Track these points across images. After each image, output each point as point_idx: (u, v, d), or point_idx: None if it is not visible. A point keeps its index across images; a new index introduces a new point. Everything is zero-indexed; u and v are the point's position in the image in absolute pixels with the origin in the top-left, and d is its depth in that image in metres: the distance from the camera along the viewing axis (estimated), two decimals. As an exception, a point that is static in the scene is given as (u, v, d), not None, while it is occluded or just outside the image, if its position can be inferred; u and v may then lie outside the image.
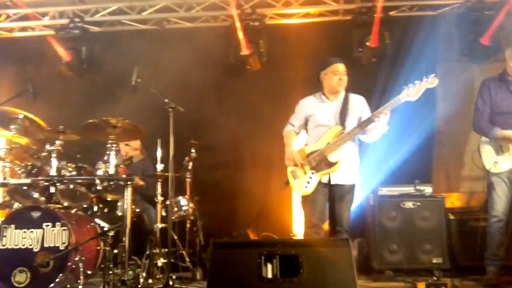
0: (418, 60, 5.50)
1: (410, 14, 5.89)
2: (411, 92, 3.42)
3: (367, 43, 5.49)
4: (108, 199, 4.43)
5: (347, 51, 5.66)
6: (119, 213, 4.46)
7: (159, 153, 4.31)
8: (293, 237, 5.55)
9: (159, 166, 4.30)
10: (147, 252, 4.23)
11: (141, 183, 4.85)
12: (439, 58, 5.79)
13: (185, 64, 5.51)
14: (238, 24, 5.60)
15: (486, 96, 4.08)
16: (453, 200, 5.24)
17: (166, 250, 4.10)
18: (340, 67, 3.76)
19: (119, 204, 4.51)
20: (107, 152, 3.90)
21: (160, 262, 4.17)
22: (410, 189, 4.73)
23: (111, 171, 3.89)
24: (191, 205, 4.81)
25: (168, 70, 5.48)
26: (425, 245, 4.50)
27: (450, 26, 5.72)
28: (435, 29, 5.80)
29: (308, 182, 3.66)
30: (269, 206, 5.69)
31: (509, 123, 3.95)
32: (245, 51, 5.61)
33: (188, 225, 4.91)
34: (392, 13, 5.77)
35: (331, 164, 3.62)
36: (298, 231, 5.55)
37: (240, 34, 5.60)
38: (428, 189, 4.73)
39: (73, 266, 3.55)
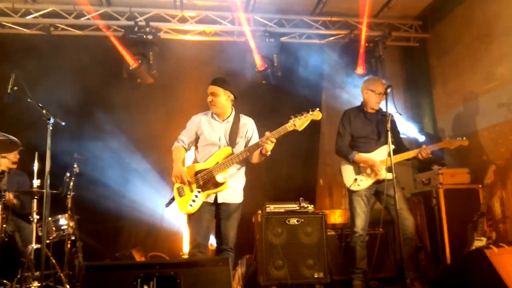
0: (306, 84, 5.84)
1: (300, 41, 6.23)
2: (297, 123, 3.55)
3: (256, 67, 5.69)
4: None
5: (243, 72, 5.81)
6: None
7: (35, 167, 4.00)
8: (182, 256, 5.47)
9: (35, 182, 3.99)
10: (19, 276, 3.88)
11: (14, 201, 4.46)
12: (324, 84, 6.21)
13: (71, 74, 5.22)
14: (112, 38, 5.48)
15: (347, 123, 4.54)
16: (336, 217, 5.56)
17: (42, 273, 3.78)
18: (209, 88, 3.78)
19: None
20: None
21: (34, 286, 3.85)
22: (295, 206, 4.94)
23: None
24: (71, 224, 4.53)
25: (52, 79, 5.14)
26: (308, 260, 4.71)
27: (334, 55, 6.18)
28: (322, 56, 6.22)
29: (194, 201, 3.64)
30: (158, 225, 5.55)
31: (366, 146, 4.43)
32: (132, 64, 5.49)
33: (68, 246, 4.60)
34: (283, 38, 6.06)
35: (217, 184, 3.64)
36: (187, 249, 5.48)
37: (121, 48, 5.48)
38: (311, 206, 4.96)
39: None
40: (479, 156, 5.24)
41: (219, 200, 3.69)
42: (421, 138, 5.82)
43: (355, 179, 4.38)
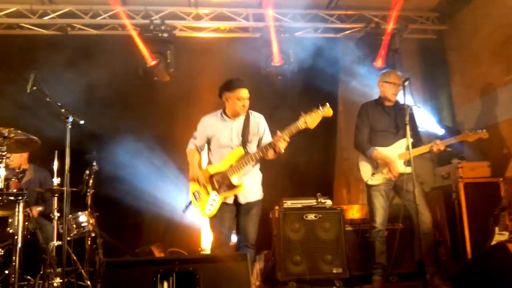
0: (323, 79, 5.80)
1: (315, 35, 6.19)
2: (308, 121, 3.51)
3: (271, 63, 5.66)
4: (-2, 215, 4.08)
5: (256, 67, 5.80)
6: (11, 230, 4.12)
7: (55, 165, 4.06)
8: (201, 252, 5.51)
9: (56, 180, 4.06)
10: (42, 272, 3.95)
11: (38, 208, 4.58)
12: (341, 78, 6.16)
13: (89, 73, 5.29)
14: (134, 35, 5.51)
15: (365, 117, 4.51)
16: (354, 212, 5.52)
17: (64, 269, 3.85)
18: (244, 93, 3.71)
19: (10, 220, 4.17)
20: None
21: (56, 282, 3.91)
22: (312, 202, 4.91)
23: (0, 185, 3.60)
24: (91, 221, 4.59)
25: (70, 78, 5.22)
26: (326, 255, 4.68)
27: (351, 48, 6.12)
28: (338, 50, 6.17)
29: (212, 204, 3.65)
30: (177, 221, 5.58)
31: (384, 139, 4.39)
32: (151, 62, 5.52)
33: (88, 242, 4.67)
34: (298, 33, 6.02)
35: (233, 187, 3.64)
36: (206, 245, 5.52)
37: (142, 46, 5.50)
38: (329, 202, 4.93)
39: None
40: (499, 148, 5.15)
41: (242, 201, 3.68)
42: (441, 132, 5.73)
43: (373, 174, 4.35)
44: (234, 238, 3.91)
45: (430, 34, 6.47)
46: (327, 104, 3.54)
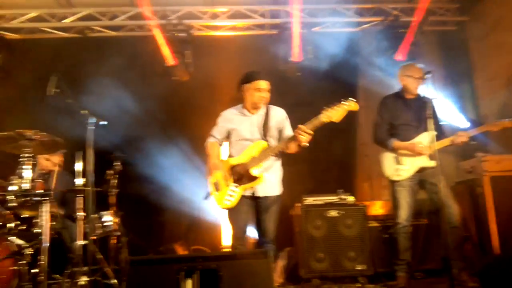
0: (342, 74, 5.76)
1: (333, 30, 6.14)
2: (333, 115, 3.47)
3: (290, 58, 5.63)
4: (26, 215, 4.15)
5: (273, 64, 5.78)
6: (39, 230, 4.20)
7: (79, 166, 4.12)
8: (222, 249, 5.54)
9: (79, 181, 4.11)
10: (68, 271, 4.02)
11: (61, 212, 4.66)
12: (361, 72, 6.09)
13: (109, 74, 5.35)
14: (157, 34, 5.55)
15: (384, 112, 4.43)
16: (377, 208, 5.46)
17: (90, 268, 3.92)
18: (263, 84, 3.72)
19: (36, 220, 4.26)
20: (22, 166, 3.68)
21: (82, 280, 3.98)
22: (334, 198, 4.88)
23: (26, 186, 3.67)
24: (115, 220, 4.64)
25: (90, 80, 5.30)
26: (349, 252, 4.65)
27: (370, 42, 6.05)
28: (357, 44, 6.11)
29: (231, 195, 3.64)
30: (198, 219, 5.63)
31: (406, 133, 4.31)
32: (170, 62, 5.55)
33: (114, 241, 4.72)
34: (315, 29, 5.98)
35: (253, 178, 3.63)
36: (227, 242, 5.55)
37: (164, 45, 5.54)
38: (350, 198, 4.89)
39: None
40: (526, 140, 5.02)
41: (259, 194, 3.67)
42: (466, 125, 5.61)
43: (396, 169, 4.27)
44: (254, 233, 3.91)
45: (450, 26, 6.35)
46: (353, 99, 3.50)
